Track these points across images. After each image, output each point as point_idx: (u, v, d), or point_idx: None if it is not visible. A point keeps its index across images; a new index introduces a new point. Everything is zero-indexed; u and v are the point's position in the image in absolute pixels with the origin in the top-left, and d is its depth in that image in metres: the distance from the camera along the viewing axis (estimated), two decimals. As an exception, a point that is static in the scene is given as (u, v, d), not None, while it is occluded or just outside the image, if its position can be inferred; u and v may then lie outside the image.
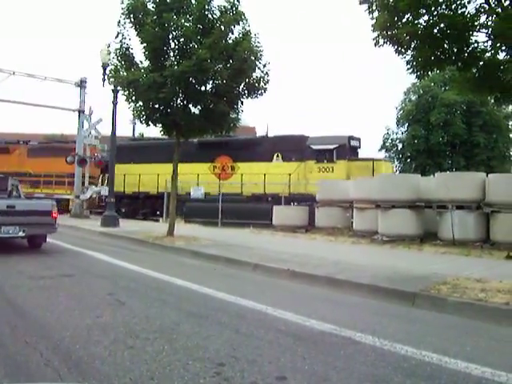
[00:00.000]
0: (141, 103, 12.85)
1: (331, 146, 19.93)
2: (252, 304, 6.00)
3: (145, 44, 12.50)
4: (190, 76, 12.14)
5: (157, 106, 12.84)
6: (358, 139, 21.13)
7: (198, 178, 21.50)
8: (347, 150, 20.05)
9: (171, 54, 12.73)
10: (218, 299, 6.36)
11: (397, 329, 5.14)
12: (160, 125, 13.42)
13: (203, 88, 12.80)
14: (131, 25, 12.61)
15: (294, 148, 20.55)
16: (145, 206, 24.43)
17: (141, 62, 12.98)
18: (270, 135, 22.63)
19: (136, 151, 24.74)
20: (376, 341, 4.53)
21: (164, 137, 16.86)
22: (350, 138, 20.56)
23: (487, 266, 8.93)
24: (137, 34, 12.65)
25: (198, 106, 13.11)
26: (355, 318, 5.58)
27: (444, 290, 6.37)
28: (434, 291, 6.37)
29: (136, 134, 36.19)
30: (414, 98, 34.16)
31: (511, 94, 7.00)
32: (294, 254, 10.21)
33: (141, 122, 13.43)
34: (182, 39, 12.47)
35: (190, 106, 13.07)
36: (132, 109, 13.06)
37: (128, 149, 24.56)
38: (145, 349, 4.17)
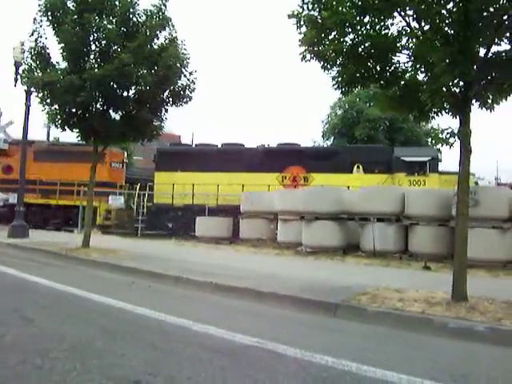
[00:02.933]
0: (56, 106, 12.14)
1: (425, 159, 18.96)
2: (172, 318, 5.74)
3: (63, 44, 11.87)
4: (111, 80, 11.65)
5: (74, 110, 12.20)
6: (441, 152, 20.36)
7: (268, 189, 18.87)
8: (438, 162, 19.32)
9: (91, 56, 12.18)
10: (136, 314, 6.04)
11: (318, 339, 5.16)
12: (77, 130, 12.75)
13: (125, 93, 12.36)
14: (49, 23, 11.95)
15: (377, 159, 19.32)
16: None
17: (57, 63, 12.33)
18: (348, 145, 20.69)
19: (181, 157, 21.68)
20: (298, 352, 4.50)
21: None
22: (439, 150, 19.84)
23: (405, 276, 9.29)
24: (54, 34, 12.01)
25: (119, 112, 12.63)
26: (278, 330, 5.52)
27: (364, 300, 6.50)
28: (355, 301, 6.48)
29: (51, 139, 34.10)
30: (339, 112, 35.09)
31: (427, 113, 7.34)
32: (218, 266, 10.04)
33: (56, 126, 12.65)
34: (103, 41, 11.98)
35: (111, 111, 12.54)
36: (46, 112, 12.30)
37: (176, 154, 21.93)
38: (55, 369, 3.81)
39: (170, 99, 12.67)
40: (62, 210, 22.47)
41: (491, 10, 6.07)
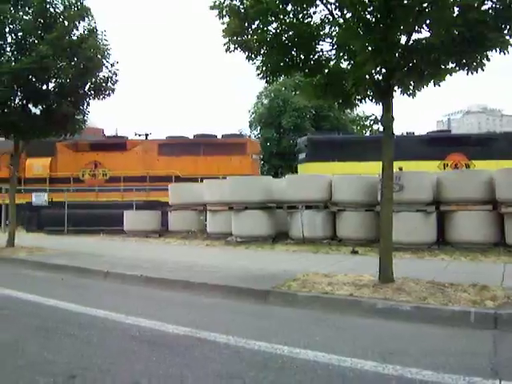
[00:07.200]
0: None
1: None
2: (103, 313, 5.67)
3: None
4: (30, 74, 11.13)
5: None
6: None
7: None
8: None
9: (8, 48, 11.65)
10: (66, 311, 5.90)
11: (250, 326, 5.22)
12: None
13: (45, 87, 11.83)
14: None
15: None
16: None
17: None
18: (508, 131, 19.46)
19: (338, 147, 20.71)
20: (230, 339, 4.55)
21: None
22: None
23: (334, 261, 9.46)
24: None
25: (40, 106, 12.07)
26: (210, 319, 5.55)
27: (294, 286, 6.60)
28: (285, 287, 6.58)
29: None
30: (266, 101, 35.16)
31: (352, 101, 7.53)
32: (148, 259, 9.88)
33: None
34: (20, 33, 11.49)
35: (30, 105, 11.99)
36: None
37: (331, 144, 20.92)
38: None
39: (92, 92, 12.22)
40: None
41: None
